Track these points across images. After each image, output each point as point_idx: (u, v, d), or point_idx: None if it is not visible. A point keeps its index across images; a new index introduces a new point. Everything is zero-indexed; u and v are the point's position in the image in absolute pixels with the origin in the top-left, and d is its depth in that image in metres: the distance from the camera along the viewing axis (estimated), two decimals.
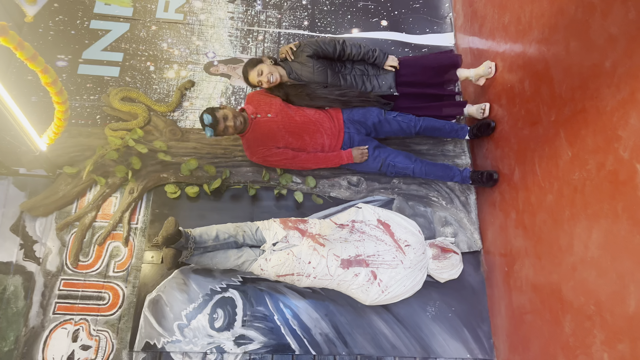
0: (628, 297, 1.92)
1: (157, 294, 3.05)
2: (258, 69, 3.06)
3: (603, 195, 2.11)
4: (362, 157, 3.17)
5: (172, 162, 3.34)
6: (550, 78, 2.56)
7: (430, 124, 3.30)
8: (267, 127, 3.06)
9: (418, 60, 3.38)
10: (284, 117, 3.09)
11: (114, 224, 3.17)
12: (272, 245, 2.98)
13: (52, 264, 3.07)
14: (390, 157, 3.24)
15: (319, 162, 3.18)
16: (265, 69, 3.06)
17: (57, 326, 2.94)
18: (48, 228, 3.16)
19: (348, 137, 3.21)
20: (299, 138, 3.13)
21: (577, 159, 2.31)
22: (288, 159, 3.13)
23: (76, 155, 3.29)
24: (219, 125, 2.90)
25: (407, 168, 3.26)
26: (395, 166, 3.25)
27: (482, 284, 3.24)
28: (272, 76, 3.07)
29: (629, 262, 1.93)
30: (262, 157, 3.12)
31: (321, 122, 3.16)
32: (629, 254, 1.93)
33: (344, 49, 3.16)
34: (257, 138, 3.07)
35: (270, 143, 3.08)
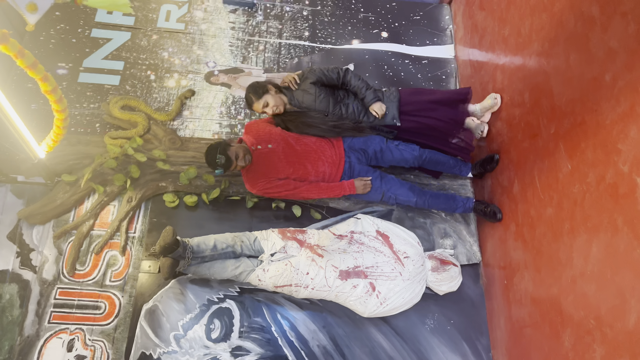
0: (628, 311, 1.90)
1: (154, 304, 3.02)
2: (264, 100, 3.03)
3: (603, 208, 2.10)
4: (365, 188, 3.11)
5: (171, 171, 3.33)
6: (550, 90, 2.56)
7: (434, 157, 3.26)
8: (268, 158, 3.02)
9: (425, 94, 3.30)
10: (284, 148, 3.06)
11: (111, 233, 3.16)
12: (270, 255, 2.96)
13: (48, 273, 3.05)
14: (392, 190, 3.18)
15: (321, 192, 3.11)
16: (271, 101, 3.04)
17: (52, 335, 2.91)
18: (45, 236, 3.14)
19: (348, 165, 3.15)
20: (300, 167, 3.08)
21: (576, 172, 2.31)
22: (289, 190, 3.07)
23: (75, 163, 3.29)
24: (231, 165, 2.87)
25: (409, 201, 3.22)
26: (397, 198, 3.20)
27: (482, 297, 3.21)
28: (277, 108, 3.06)
29: (629, 277, 1.91)
30: (263, 190, 3.06)
31: (322, 150, 3.13)
32: (629, 268, 1.91)
33: (346, 76, 3.12)
34: (258, 170, 3.02)
35: (272, 174, 3.03)
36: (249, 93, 3.06)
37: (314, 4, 4.18)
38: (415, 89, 3.37)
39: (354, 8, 4.20)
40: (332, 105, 3.14)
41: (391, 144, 3.21)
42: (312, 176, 3.11)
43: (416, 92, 3.31)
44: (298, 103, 3.13)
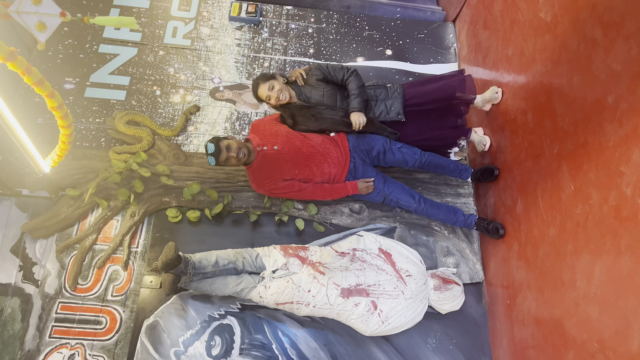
0: (631, 336, 1.89)
1: (155, 320, 3.02)
2: (270, 83, 3.07)
3: (606, 230, 2.09)
4: (368, 189, 3.14)
5: (175, 186, 3.35)
6: (553, 111, 2.57)
7: (434, 160, 3.31)
8: (273, 159, 3.03)
9: (426, 82, 3.36)
10: (290, 149, 3.06)
11: (114, 247, 3.16)
12: (272, 272, 2.96)
13: (50, 287, 3.05)
14: (393, 193, 3.21)
15: (325, 193, 3.14)
16: (277, 85, 3.08)
17: (53, 350, 2.90)
18: (48, 250, 3.15)
19: (353, 166, 3.17)
20: (306, 169, 3.09)
21: (579, 193, 2.30)
22: (294, 191, 3.10)
23: (79, 177, 3.31)
24: (221, 154, 2.87)
25: (409, 206, 3.24)
26: (399, 202, 3.23)
27: (484, 316, 3.19)
28: (282, 94, 3.08)
29: (632, 300, 1.90)
30: (269, 190, 3.11)
31: (328, 152, 3.15)
32: (632, 292, 1.90)
33: (349, 78, 3.16)
34: (264, 171, 3.05)
35: (277, 175, 3.05)
36: (256, 78, 3.13)
37: (319, 22, 4.22)
38: (416, 81, 3.42)
39: (359, 26, 4.23)
40: (340, 101, 3.19)
41: (394, 146, 3.25)
42: (318, 177, 3.14)
43: (417, 83, 3.37)
44: (306, 98, 3.17)
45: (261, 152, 3.02)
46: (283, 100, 3.10)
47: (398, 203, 3.23)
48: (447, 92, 3.29)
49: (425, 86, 3.32)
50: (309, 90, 3.17)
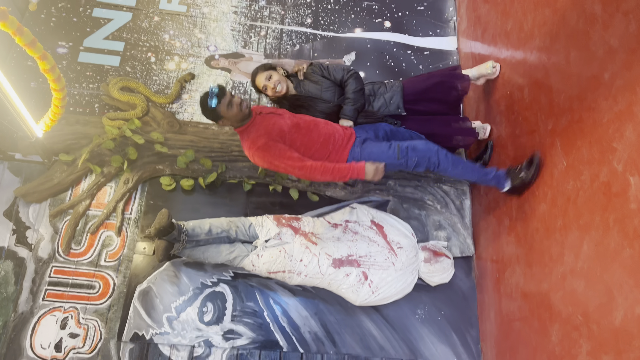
0: (615, 309, 1.93)
1: (148, 285, 3.05)
2: (268, 73, 3.00)
3: (596, 206, 2.11)
4: (376, 174, 2.65)
5: (169, 154, 3.34)
6: (549, 87, 2.56)
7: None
8: (272, 121, 2.74)
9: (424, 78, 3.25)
10: (291, 116, 2.83)
11: (107, 214, 3.17)
12: (265, 241, 2.98)
13: (43, 251, 3.07)
14: (406, 142, 2.80)
15: (326, 172, 2.67)
16: (275, 76, 3.00)
17: (46, 313, 2.94)
18: (41, 215, 3.16)
19: (360, 140, 2.87)
20: (307, 134, 2.78)
21: (571, 169, 2.31)
22: (293, 160, 2.66)
23: (72, 143, 3.29)
24: (225, 95, 2.61)
25: (429, 150, 2.74)
26: (416, 149, 2.74)
27: (473, 289, 3.24)
28: (280, 85, 3.00)
29: (617, 275, 1.93)
30: (262, 152, 2.64)
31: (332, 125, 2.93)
32: (618, 267, 1.93)
33: (348, 80, 3.03)
34: (259, 129, 2.69)
35: (275, 134, 2.68)
36: (256, 67, 3.05)
37: None
38: (415, 77, 3.34)
39: None
40: (338, 96, 3.12)
41: (400, 127, 3.14)
42: (321, 138, 2.79)
43: (416, 79, 3.27)
44: (304, 91, 3.12)
45: (260, 115, 2.78)
46: (280, 91, 3.01)
47: (416, 151, 2.73)
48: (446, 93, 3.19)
49: (425, 82, 3.21)
50: (307, 84, 3.11)
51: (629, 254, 1.88)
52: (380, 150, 2.79)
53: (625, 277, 1.88)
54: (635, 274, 1.83)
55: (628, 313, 1.85)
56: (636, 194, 1.87)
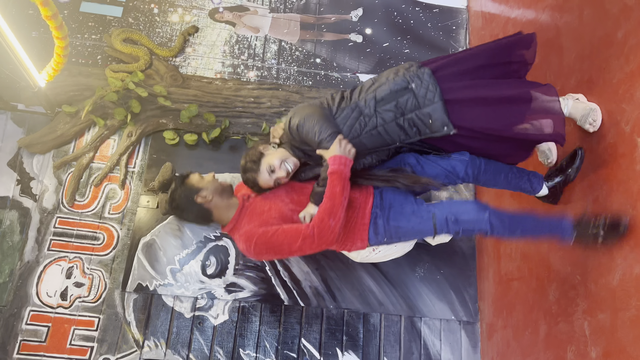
0: (614, 269, 1.95)
1: (151, 238, 3.08)
2: (265, 166, 2.12)
3: (600, 168, 2.10)
4: (346, 147, 1.98)
5: (172, 108, 3.31)
6: (560, 46, 2.51)
7: (493, 166, 2.21)
8: (267, 206, 2.12)
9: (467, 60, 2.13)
10: (289, 191, 2.21)
11: (111, 166, 3.17)
12: None
13: (48, 202, 3.09)
14: (446, 208, 2.10)
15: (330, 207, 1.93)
16: (275, 161, 2.12)
17: (52, 262, 2.98)
18: (45, 166, 3.16)
19: (379, 196, 2.17)
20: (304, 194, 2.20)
21: (577, 130, 2.29)
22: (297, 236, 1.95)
23: (75, 94, 3.26)
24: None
25: (479, 220, 2.05)
26: (459, 220, 2.06)
27: (473, 250, 3.27)
28: (287, 164, 2.15)
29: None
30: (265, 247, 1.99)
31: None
32: None
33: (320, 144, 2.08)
34: (252, 219, 2.09)
35: (267, 214, 2.08)
36: (245, 173, 2.19)
37: None
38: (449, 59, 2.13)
39: None
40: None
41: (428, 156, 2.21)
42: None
43: (454, 61, 2.12)
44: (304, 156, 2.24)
45: (246, 200, 2.19)
46: (294, 169, 2.18)
47: (459, 222, 2.06)
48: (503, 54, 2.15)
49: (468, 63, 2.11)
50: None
51: (631, 216, 1.89)
52: (410, 224, 2.10)
53: (626, 239, 1.89)
54: (636, 235, 1.84)
55: (626, 273, 1.87)
56: None
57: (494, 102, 2.03)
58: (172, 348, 2.90)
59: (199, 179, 2.11)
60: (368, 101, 2.06)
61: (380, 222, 2.11)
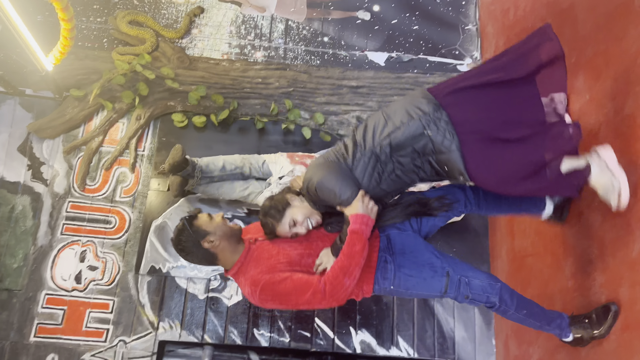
0: (633, 242, 1.92)
1: (163, 220, 3.08)
2: (289, 217, 2.02)
3: (618, 139, 2.07)
4: (368, 205, 1.92)
5: (180, 91, 3.29)
6: (574, 17, 2.46)
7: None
8: (275, 250, 2.03)
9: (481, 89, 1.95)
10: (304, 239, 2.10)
11: (120, 150, 3.17)
12: (279, 178, 2.98)
13: (59, 186, 3.10)
14: (459, 269, 2.05)
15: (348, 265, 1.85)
16: (299, 216, 2.03)
17: (65, 246, 3.00)
18: (55, 150, 3.16)
19: (386, 240, 2.10)
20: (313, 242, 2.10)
21: (594, 103, 2.26)
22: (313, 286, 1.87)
23: (83, 78, 3.24)
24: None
25: (491, 288, 2.04)
26: (471, 284, 2.02)
27: (485, 227, 3.25)
28: (311, 221, 2.07)
29: (637, 208, 1.92)
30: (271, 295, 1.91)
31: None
32: (638, 200, 1.91)
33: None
34: (259, 264, 1.99)
35: (274, 260, 1.98)
36: (265, 217, 2.05)
37: None
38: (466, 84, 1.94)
39: None
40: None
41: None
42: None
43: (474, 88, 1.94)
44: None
45: (252, 243, 2.07)
46: (316, 226, 2.11)
47: (471, 286, 2.02)
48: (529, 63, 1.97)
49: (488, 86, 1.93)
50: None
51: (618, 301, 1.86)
52: (422, 275, 2.02)
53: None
54: None
55: None
56: None
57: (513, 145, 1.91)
58: (187, 329, 2.91)
59: (208, 222, 1.97)
60: (383, 147, 1.94)
61: (390, 266, 2.03)
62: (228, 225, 2.02)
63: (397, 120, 1.93)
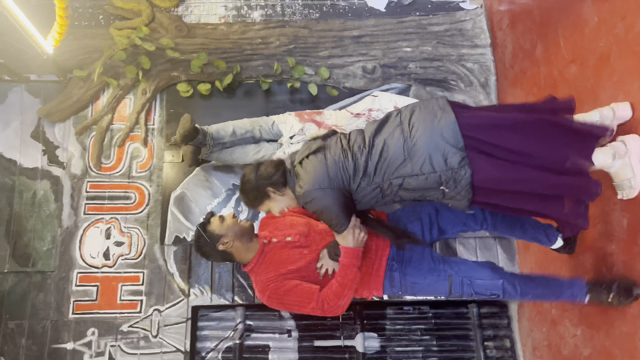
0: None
1: (182, 191, 3.13)
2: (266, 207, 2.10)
3: (629, 60, 2.01)
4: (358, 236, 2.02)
5: (182, 60, 3.26)
6: None
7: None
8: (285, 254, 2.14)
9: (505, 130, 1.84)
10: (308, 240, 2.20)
11: (131, 126, 3.19)
12: (290, 138, 2.98)
13: (76, 168, 3.14)
14: (462, 271, 2.14)
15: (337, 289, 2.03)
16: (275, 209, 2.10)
17: (90, 225, 3.07)
18: (67, 133, 3.19)
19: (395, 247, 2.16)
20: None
21: (604, 24, 2.19)
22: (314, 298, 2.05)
23: (84, 58, 3.23)
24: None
25: (492, 286, 2.12)
26: (474, 283, 2.11)
27: None
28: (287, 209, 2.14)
29: None
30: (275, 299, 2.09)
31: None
32: None
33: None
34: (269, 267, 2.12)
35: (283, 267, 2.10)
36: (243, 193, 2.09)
37: None
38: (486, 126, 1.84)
39: None
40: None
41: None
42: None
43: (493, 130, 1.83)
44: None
45: (266, 245, 2.17)
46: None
47: (473, 286, 2.11)
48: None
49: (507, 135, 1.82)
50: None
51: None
52: (426, 282, 2.13)
53: None
54: None
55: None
56: None
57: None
58: (217, 292, 3.00)
59: (219, 225, 2.07)
60: (393, 185, 1.89)
61: (396, 274, 2.14)
62: (239, 224, 2.12)
63: (417, 167, 1.84)
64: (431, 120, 1.84)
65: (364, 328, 3.10)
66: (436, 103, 1.91)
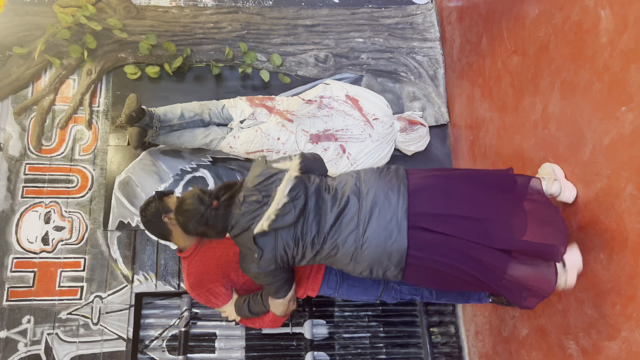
0: (584, 145, 1.99)
1: (127, 175, 3.04)
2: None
3: (567, 48, 2.10)
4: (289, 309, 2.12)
5: (130, 41, 3.18)
6: None
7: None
8: (217, 253, 2.20)
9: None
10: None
11: (74, 107, 3.07)
12: (240, 122, 2.96)
13: (14, 149, 3.00)
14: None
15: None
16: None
17: (28, 209, 2.93)
18: (5, 112, 3.04)
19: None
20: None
21: (543, 15, 2.28)
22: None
23: (25, 35, 3.10)
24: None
25: (416, 291, 2.32)
26: (402, 291, 2.30)
27: (449, 156, 3.32)
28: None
29: (586, 112, 1.97)
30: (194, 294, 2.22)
31: None
32: (587, 104, 1.97)
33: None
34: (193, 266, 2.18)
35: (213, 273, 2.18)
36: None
37: None
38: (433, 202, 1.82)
39: None
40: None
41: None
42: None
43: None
44: None
45: (200, 240, 2.20)
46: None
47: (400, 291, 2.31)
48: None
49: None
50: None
51: (597, 89, 1.91)
52: (363, 286, 2.25)
53: (594, 112, 1.93)
54: (604, 106, 1.87)
55: (596, 145, 1.92)
56: (606, 26, 1.85)
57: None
58: (162, 279, 2.93)
59: (175, 202, 2.07)
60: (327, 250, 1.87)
61: (334, 278, 2.24)
62: None
63: (357, 270, 1.88)
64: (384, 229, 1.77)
65: (313, 315, 3.10)
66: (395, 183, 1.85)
